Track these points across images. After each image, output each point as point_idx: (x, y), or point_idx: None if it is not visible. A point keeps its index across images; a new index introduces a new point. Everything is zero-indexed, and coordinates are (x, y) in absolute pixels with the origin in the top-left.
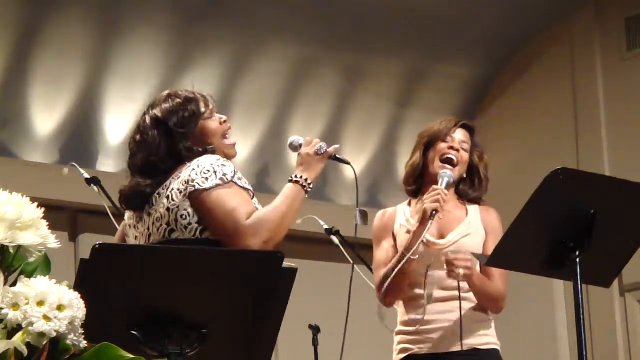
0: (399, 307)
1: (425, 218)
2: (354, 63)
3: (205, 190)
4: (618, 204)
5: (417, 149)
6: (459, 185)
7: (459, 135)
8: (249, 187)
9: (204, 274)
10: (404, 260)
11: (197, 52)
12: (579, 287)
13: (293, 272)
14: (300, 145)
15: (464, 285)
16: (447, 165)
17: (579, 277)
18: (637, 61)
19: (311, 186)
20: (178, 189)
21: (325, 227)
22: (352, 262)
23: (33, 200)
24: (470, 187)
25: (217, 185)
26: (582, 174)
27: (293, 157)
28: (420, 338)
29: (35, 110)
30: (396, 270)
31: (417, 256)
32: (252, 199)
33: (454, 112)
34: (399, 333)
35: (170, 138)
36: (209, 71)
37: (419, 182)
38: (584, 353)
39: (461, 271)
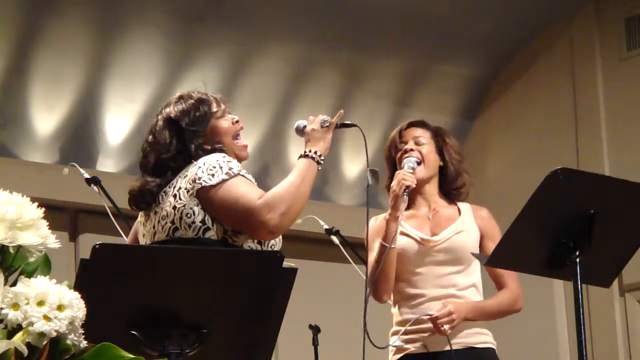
0: (394, 307)
1: (396, 203)
2: (354, 63)
3: (213, 186)
4: (618, 204)
5: (387, 171)
6: (441, 180)
7: (410, 134)
8: (254, 182)
9: (204, 274)
10: (388, 252)
11: (197, 52)
12: (579, 287)
13: (293, 272)
14: (305, 127)
15: (460, 283)
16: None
17: (579, 277)
18: (637, 61)
19: (322, 158)
20: (185, 188)
21: (325, 227)
22: (366, 263)
23: (33, 200)
24: (448, 176)
25: (224, 180)
26: (582, 174)
27: (293, 157)
28: (416, 337)
29: (35, 110)
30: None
31: (395, 245)
32: None
33: (454, 112)
34: (395, 333)
35: (181, 137)
36: (209, 71)
37: None
38: (584, 353)
39: (447, 327)
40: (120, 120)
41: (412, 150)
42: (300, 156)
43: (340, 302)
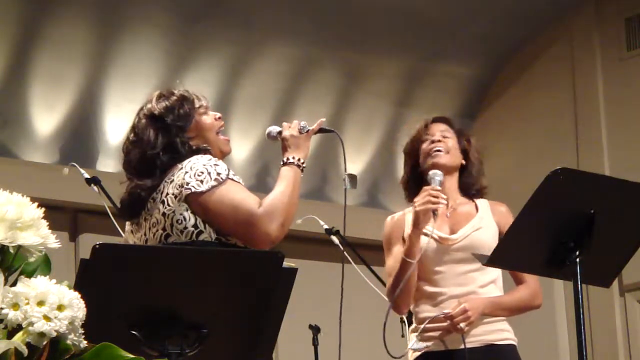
0: (414, 306)
1: (418, 221)
2: (354, 63)
3: (204, 193)
4: (618, 204)
5: (405, 165)
6: (461, 179)
7: (436, 127)
8: (243, 184)
9: (204, 274)
10: (411, 267)
11: (197, 52)
12: (579, 287)
13: (293, 272)
14: (279, 132)
15: (480, 280)
16: (437, 153)
17: (579, 277)
18: (637, 61)
19: (304, 165)
20: (173, 194)
21: (325, 227)
22: (342, 261)
23: (33, 200)
24: (468, 176)
25: (214, 186)
26: (582, 174)
27: None
28: (435, 335)
29: (35, 110)
30: (404, 279)
31: (417, 260)
32: None
33: (454, 112)
34: (414, 331)
35: (167, 133)
36: (209, 71)
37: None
38: (584, 353)
39: (463, 325)
40: (120, 120)
41: (439, 141)
42: (284, 163)
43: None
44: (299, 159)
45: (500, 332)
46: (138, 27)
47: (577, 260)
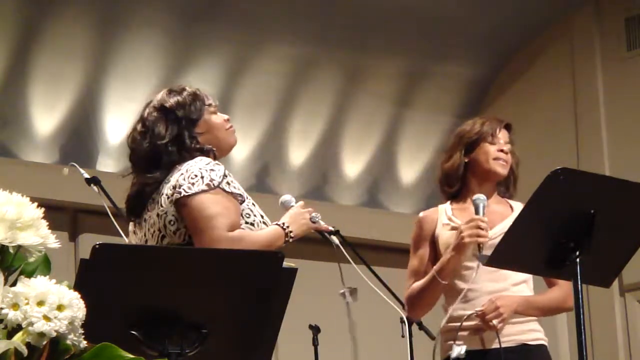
0: (445, 302)
1: (462, 250)
2: (354, 63)
3: (189, 196)
4: (618, 204)
5: (456, 149)
6: (499, 181)
7: (504, 136)
8: (239, 192)
9: (204, 274)
10: (440, 288)
11: (197, 52)
12: (579, 287)
13: (293, 272)
14: (292, 207)
15: (513, 278)
16: (503, 164)
17: (579, 277)
18: (637, 61)
19: (291, 240)
20: (166, 194)
21: None
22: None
23: (33, 200)
24: (507, 182)
25: (202, 191)
26: (582, 174)
27: (293, 156)
28: (465, 334)
29: (35, 110)
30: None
31: (447, 281)
32: (242, 203)
33: (454, 112)
34: (447, 330)
35: (177, 126)
36: (209, 71)
37: (458, 183)
38: (584, 353)
39: (495, 322)
40: (120, 120)
41: (506, 153)
42: (279, 226)
43: (340, 302)
44: (291, 231)
45: (532, 332)
46: (138, 27)
47: (577, 260)
